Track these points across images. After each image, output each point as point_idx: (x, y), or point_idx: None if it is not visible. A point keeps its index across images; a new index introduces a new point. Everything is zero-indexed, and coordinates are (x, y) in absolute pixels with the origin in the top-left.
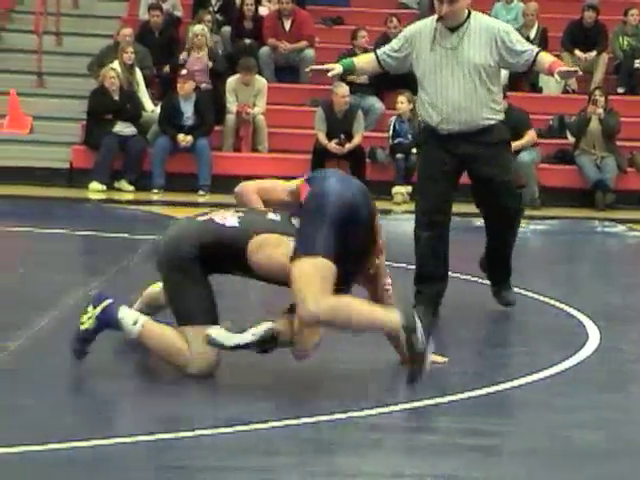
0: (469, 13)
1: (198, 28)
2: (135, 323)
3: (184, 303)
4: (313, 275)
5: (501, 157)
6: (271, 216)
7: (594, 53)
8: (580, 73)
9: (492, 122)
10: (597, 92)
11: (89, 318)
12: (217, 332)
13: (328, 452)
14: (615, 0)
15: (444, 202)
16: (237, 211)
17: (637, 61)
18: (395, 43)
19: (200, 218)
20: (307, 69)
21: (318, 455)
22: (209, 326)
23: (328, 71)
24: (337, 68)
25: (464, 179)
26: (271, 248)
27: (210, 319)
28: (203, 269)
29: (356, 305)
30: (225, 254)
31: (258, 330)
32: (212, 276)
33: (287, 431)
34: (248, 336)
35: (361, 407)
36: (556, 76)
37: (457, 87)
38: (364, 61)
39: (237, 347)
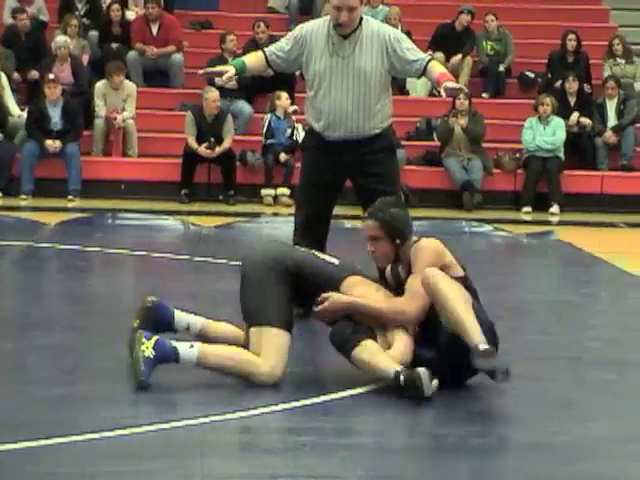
0: (361, 19)
1: (61, 40)
2: (192, 347)
3: (268, 306)
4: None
5: (385, 166)
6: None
7: (459, 57)
8: (465, 90)
9: (378, 131)
10: (461, 96)
11: (147, 348)
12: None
13: (202, 454)
14: (478, 5)
15: (325, 210)
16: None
17: (502, 65)
18: (284, 43)
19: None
20: (200, 72)
21: (192, 458)
22: (286, 333)
23: (222, 74)
24: (230, 70)
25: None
26: (365, 286)
27: (287, 328)
28: (289, 289)
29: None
30: (314, 284)
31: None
32: None
33: (161, 435)
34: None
35: (235, 409)
36: (442, 92)
37: (346, 94)
38: (253, 61)
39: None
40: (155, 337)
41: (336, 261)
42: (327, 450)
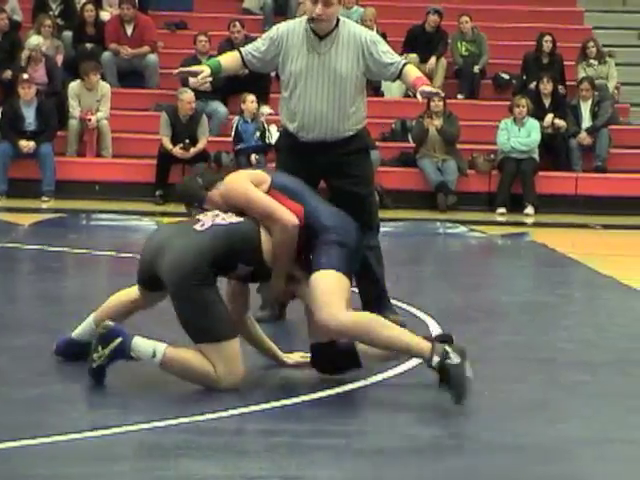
0: (337, 20)
1: (34, 41)
2: (154, 355)
3: (207, 321)
4: (336, 286)
5: (359, 168)
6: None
7: (433, 59)
8: (442, 94)
9: (352, 132)
10: (435, 98)
11: (100, 357)
12: None
13: (174, 456)
14: (452, 7)
15: None
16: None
17: (476, 67)
18: (261, 43)
19: (197, 227)
20: (175, 72)
21: (166, 459)
22: (234, 340)
23: (197, 74)
24: (206, 70)
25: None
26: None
27: (233, 333)
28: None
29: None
30: (237, 249)
31: None
32: None
33: (131, 436)
34: None
35: (205, 411)
36: (418, 95)
37: (321, 96)
38: (229, 61)
39: None
40: (117, 340)
41: (240, 218)
42: (301, 451)
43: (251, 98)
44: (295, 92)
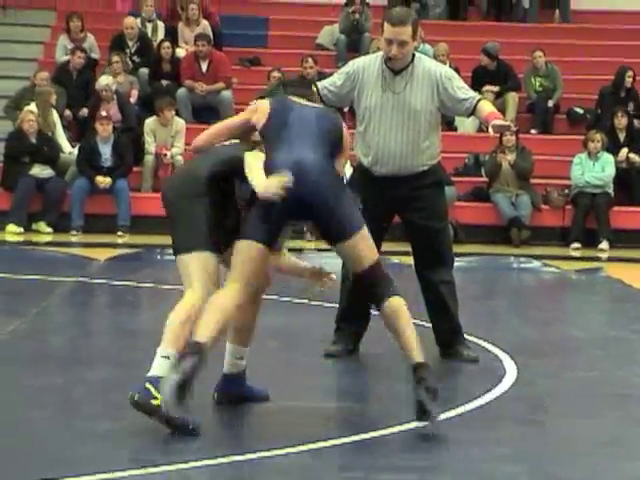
0: (413, 55)
1: (103, 81)
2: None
3: (180, 233)
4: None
5: (433, 202)
6: None
7: (508, 94)
8: (514, 128)
9: (426, 167)
10: (507, 132)
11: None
12: None
13: None
14: (525, 41)
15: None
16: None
17: (550, 101)
18: (337, 78)
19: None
20: None
21: None
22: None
23: None
24: None
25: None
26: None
27: (215, 249)
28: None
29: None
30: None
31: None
32: None
33: (210, 470)
34: None
35: (272, 447)
36: (490, 130)
37: (395, 130)
38: None
39: None
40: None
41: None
42: None
43: None
44: (370, 126)
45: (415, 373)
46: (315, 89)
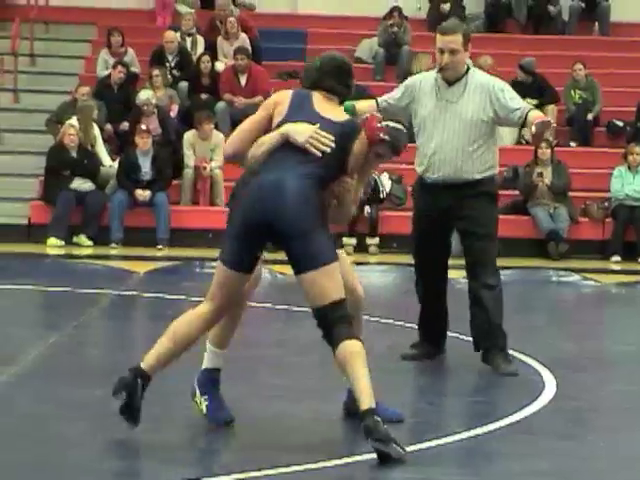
0: (468, 68)
1: (143, 96)
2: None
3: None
4: None
5: (482, 210)
6: None
7: (549, 106)
8: (554, 124)
9: (478, 177)
10: (543, 145)
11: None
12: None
13: None
14: (565, 54)
15: (437, 256)
16: None
17: (590, 114)
18: (396, 91)
19: None
20: None
21: None
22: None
23: None
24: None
25: None
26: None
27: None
28: None
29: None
30: None
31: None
32: None
33: None
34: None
35: (306, 461)
36: (533, 128)
37: (449, 138)
38: (364, 106)
39: None
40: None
41: None
42: None
43: None
44: (425, 135)
45: (362, 422)
46: (376, 103)
